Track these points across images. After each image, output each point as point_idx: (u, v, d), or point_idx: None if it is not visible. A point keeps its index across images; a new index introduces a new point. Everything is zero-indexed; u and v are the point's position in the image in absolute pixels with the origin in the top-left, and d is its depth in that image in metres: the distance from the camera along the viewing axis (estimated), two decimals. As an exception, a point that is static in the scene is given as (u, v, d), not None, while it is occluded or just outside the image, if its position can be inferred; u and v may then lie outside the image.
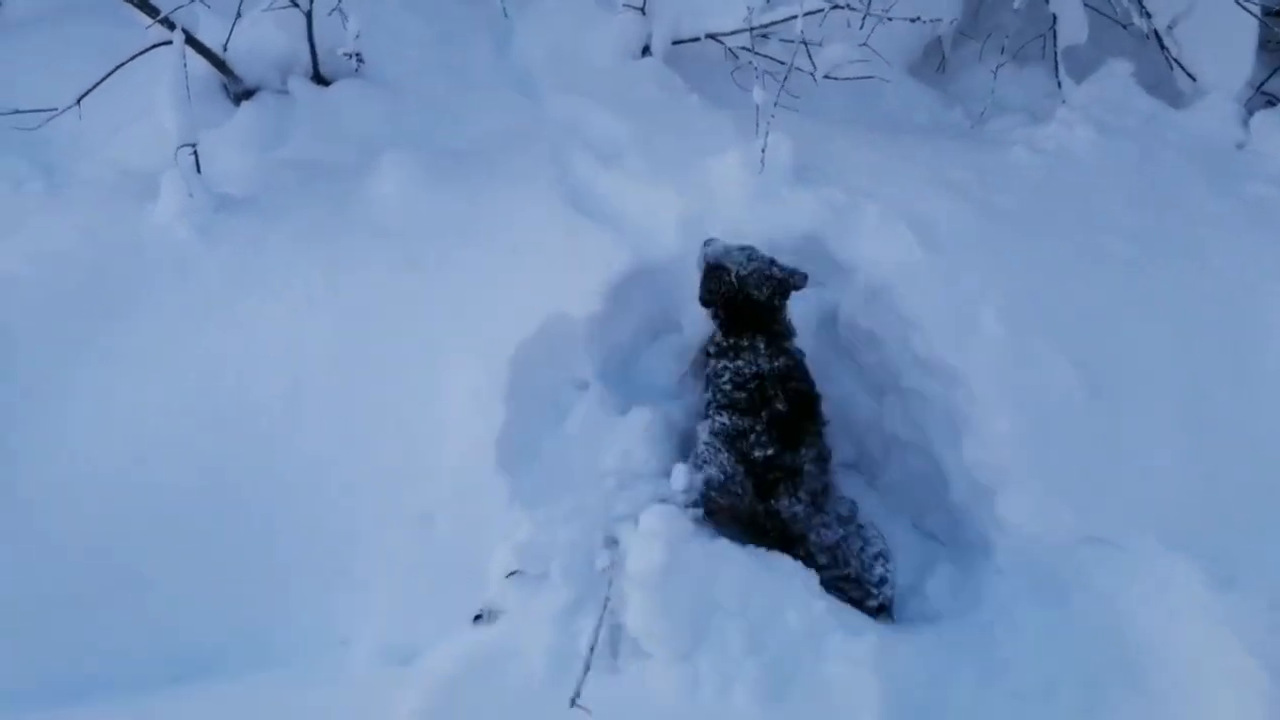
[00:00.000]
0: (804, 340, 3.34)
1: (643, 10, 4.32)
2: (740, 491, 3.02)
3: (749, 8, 3.80)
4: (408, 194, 3.63)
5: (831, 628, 2.71)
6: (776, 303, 3.21)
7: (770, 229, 3.50)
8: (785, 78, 3.55)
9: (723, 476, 3.02)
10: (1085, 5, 4.33)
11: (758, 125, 3.55)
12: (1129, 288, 3.38)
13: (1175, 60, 4.32)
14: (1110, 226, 3.55)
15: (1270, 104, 4.37)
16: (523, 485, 3.01)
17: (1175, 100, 4.31)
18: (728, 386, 3.10)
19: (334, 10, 3.47)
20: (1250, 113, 4.14)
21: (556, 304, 3.26)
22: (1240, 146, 4.04)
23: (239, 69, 4.04)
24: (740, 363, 3.11)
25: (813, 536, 3.00)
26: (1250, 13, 4.02)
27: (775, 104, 3.50)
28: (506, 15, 3.76)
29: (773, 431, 3.04)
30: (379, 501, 3.08)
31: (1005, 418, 3.08)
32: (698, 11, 4.29)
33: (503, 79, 4.36)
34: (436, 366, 3.21)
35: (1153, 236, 3.52)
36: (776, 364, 3.11)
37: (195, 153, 3.52)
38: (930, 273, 3.31)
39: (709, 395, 3.20)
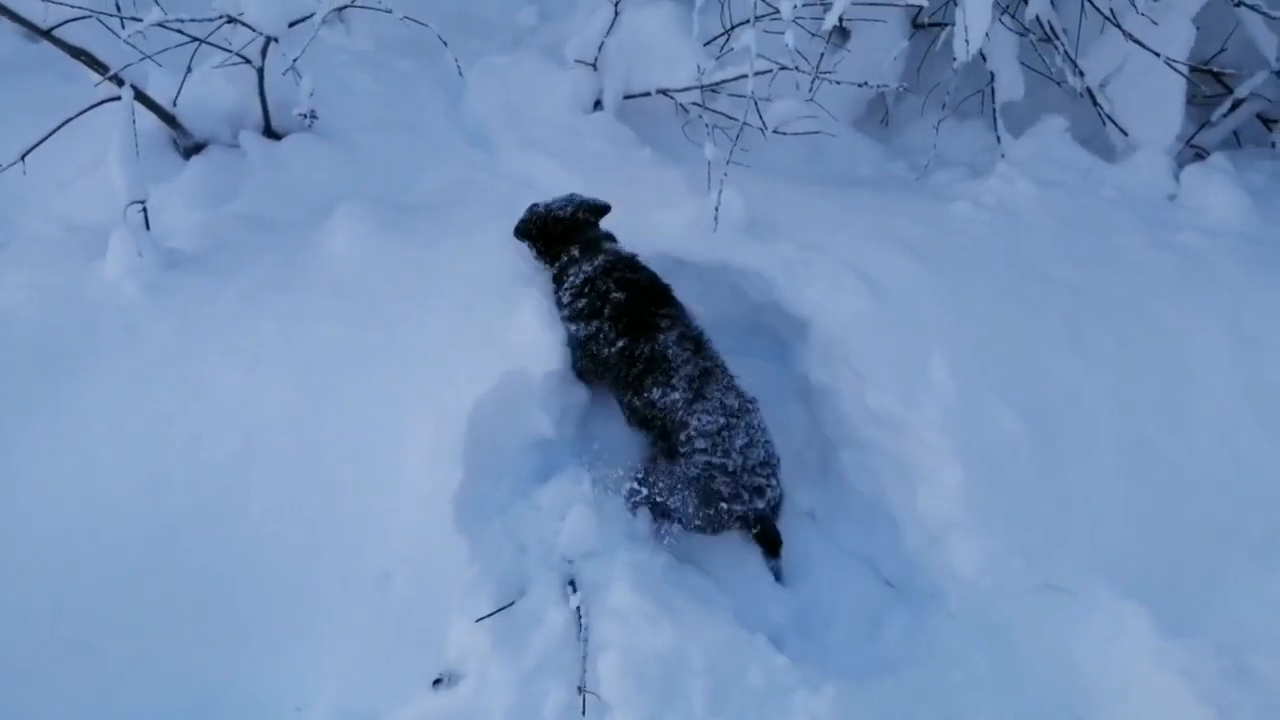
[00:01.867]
0: (784, 398, 3.46)
1: (594, 66, 4.38)
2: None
3: (699, 66, 3.87)
4: (361, 249, 3.61)
5: (793, 683, 2.73)
6: (584, 218, 3.48)
7: (725, 280, 3.56)
8: (738, 135, 3.61)
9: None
10: (1021, 63, 4.46)
11: (709, 181, 3.60)
12: (1070, 337, 3.46)
13: (1108, 116, 4.47)
14: (1050, 277, 3.64)
15: (1199, 157, 4.53)
16: (481, 543, 2.99)
17: (1109, 154, 4.45)
18: (567, 299, 3.31)
19: (288, 70, 3.45)
20: (1180, 166, 4.28)
21: (513, 360, 3.25)
22: (1171, 198, 4.17)
23: (189, 123, 4.00)
24: (568, 279, 3.33)
25: (694, 422, 3.07)
26: (1178, 71, 4.17)
27: (727, 160, 3.56)
28: (461, 73, 3.76)
29: (620, 324, 3.20)
30: (335, 561, 3.04)
31: (955, 467, 3.14)
32: (648, 67, 4.34)
33: (456, 134, 4.38)
34: (392, 424, 3.19)
35: (1091, 287, 3.62)
36: (597, 262, 3.34)
37: (144, 209, 3.47)
38: (880, 325, 3.38)
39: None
